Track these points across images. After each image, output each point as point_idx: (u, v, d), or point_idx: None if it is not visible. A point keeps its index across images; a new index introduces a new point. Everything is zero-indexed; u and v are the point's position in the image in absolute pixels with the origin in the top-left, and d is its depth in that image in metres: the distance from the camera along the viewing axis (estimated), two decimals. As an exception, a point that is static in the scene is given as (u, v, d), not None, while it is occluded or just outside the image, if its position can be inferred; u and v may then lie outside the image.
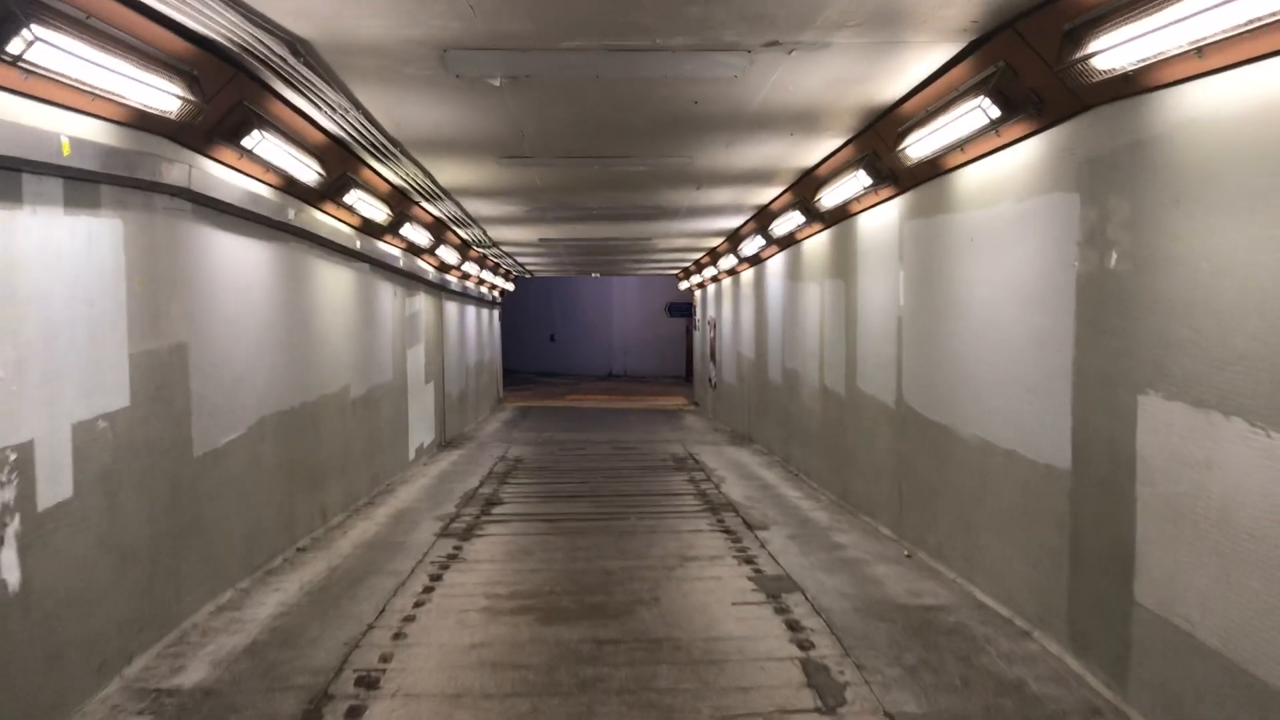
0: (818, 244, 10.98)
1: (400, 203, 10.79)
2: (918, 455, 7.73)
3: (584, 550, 8.04)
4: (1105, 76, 4.49)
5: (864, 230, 9.15)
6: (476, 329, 20.81)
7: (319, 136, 7.59)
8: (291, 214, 7.81)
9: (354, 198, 8.87)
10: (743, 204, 12.11)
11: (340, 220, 9.32)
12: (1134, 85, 4.46)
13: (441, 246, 13.78)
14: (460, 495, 10.81)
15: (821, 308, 10.91)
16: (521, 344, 35.09)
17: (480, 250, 17.04)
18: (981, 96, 5.60)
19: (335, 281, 9.57)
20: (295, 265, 8.34)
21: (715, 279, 19.72)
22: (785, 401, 13.05)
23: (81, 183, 4.82)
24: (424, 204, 11.45)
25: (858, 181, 8.24)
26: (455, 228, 13.77)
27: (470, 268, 17.02)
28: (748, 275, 16.21)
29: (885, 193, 8.19)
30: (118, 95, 4.70)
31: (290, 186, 7.71)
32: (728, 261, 16.53)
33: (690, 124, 7.59)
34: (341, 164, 8.39)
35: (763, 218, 12.59)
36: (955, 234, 6.92)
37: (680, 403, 24.76)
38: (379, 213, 9.91)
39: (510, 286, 24.63)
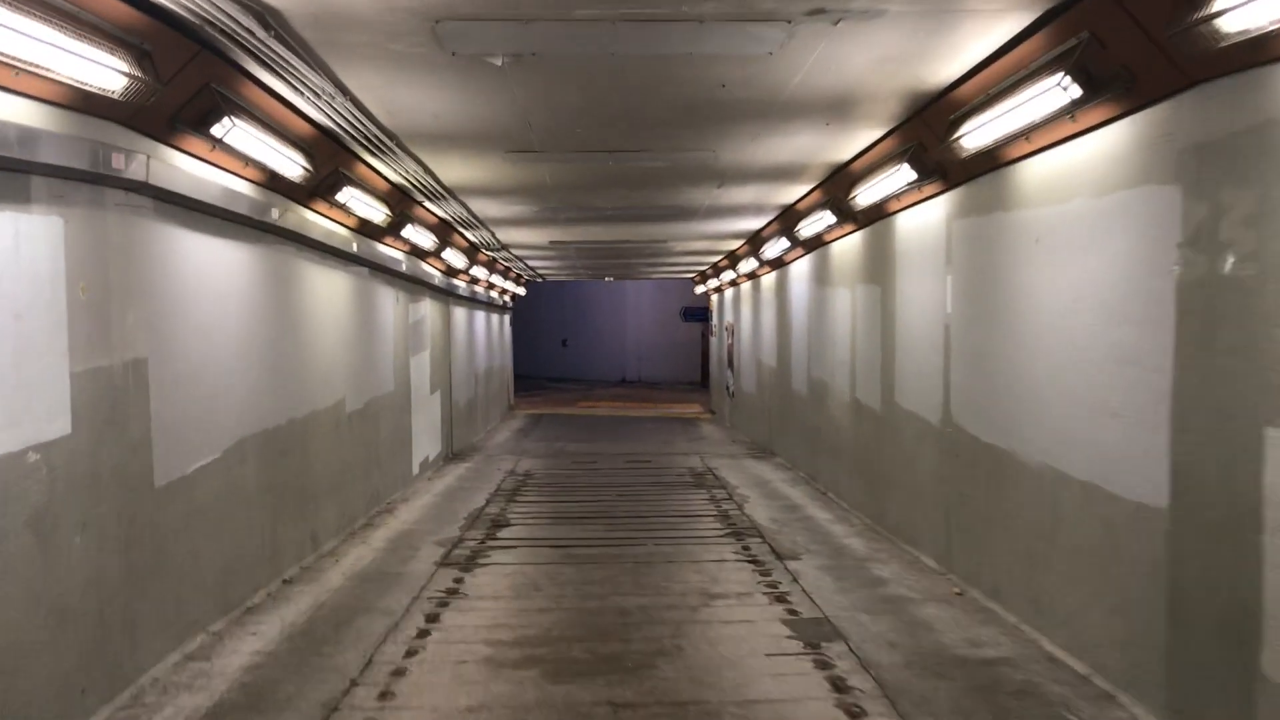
0: (849, 246, 10.20)
1: (401, 202, 10.07)
2: (969, 481, 6.94)
3: (597, 584, 7.28)
4: (1231, 42, 3.71)
5: (904, 231, 8.37)
6: (486, 335, 20.09)
7: (304, 127, 6.87)
8: (276, 213, 7.08)
9: (348, 196, 8.14)
10: (766, 204, 11.34)
11: (334, 221, 8.60)
12: (1268, 51, 3.68)
13: (447, 249, 13.06)
14: (465, 516, 10.07)
15: (853, 315, 10.13)
16: (533, 349, 34.37)
17: (489, 254, 16.32)
18: (1060, 74, 4.82)
19: (329, 287, 8.85)
20: (282, 269, 7.62)
21: (734, 283, 18.95)
22: (811, 414, 12.26)
23: (4, 173, 4.09)
24: (427, 204, 10.72)
25: (900, 177, 7.46)
26: (462, 229, 13.05)
27: (479, 272, 16.30)
28: (769, 279, 15.43)
29: (931, 189, 7.41)
30: (43, 69, 3.97)
31: (274, 183, 6.99)
32: (748, 265, 15.76)
33: (715, 112, 6.83)
34: (332, 158, 7.66)
35: (788, 218, 11.81)
36: (1017, 234, 6.14)
37: (696, 410, 23.98)
38: (377, 213, 9.18)
39: (521, 291, 23.91)
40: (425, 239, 11.52)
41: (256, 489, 6.98)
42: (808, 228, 10.82)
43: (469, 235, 13.71)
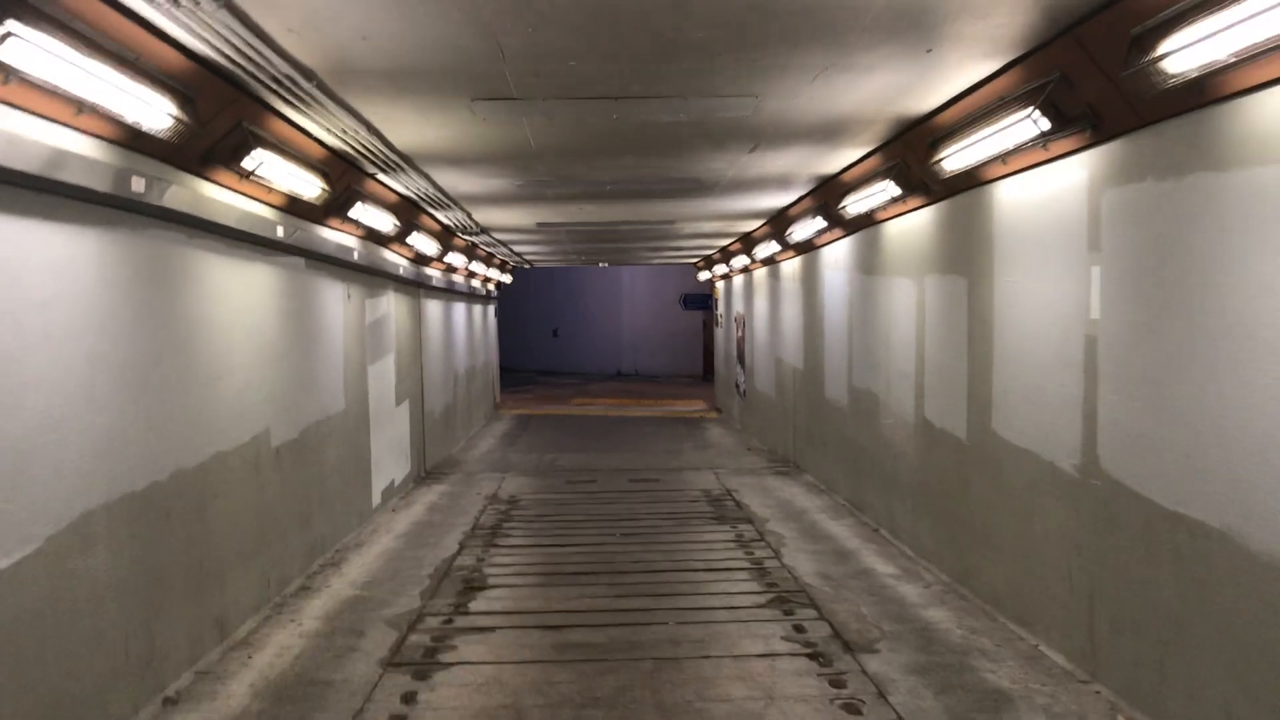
0: (914, 226, 8.07)
1: (345, 174, 7.90)
2: (1140, 562, 4.84)
3: (604, 702, 5.19)
4: None
5: (1009, 204, 6.25)
6: (467, 329, 17.92)
7: (174, 59, 4.71)
8: (141, 186, 4.92)
9: (259, 162, 5.98)
10: (801, 175, 9.19)
11: (249, 197, 6.45)
12: None
13: (415, 234, 10.89)
14: (430, 570, 7.96)
15: (919, 314, 8.01)
16: (521, 340, 32.21)
17: (467, 238, 14.14)
18: None
19: (243, 285, 6.70)
20: (160, 265, 5.47)
21: (746, 270, 16.80)
22: (854, 430, 10.16)
23: None
24: (381, 178, 8.55)
25: (1019, 130, 5.34)
26: (431, 210, 10.88)
27: (455, 259, 14.13)
28: (791, 266, 13.30)
29: (1066, 145, 5.28)
30: None
31: (136, 142, 4.85)
32: (766, 249, 13.61)
33: (772, 28, 4.68)
34: (230, 109, 5.50)
35: (826, 192, 9.68)
36: (1241, 205, 4.02)
37: (700, 408, 21.88)
38: (310, 186, 7.03)
39: (507, 279, 21.74)
40: (383, 221, 9.36)
41: (114, 580, 4.85)
42: (856, 204, 8.68)
43: (440, 217, 11.54)
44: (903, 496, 8.53)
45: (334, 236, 8.52)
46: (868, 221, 9.13)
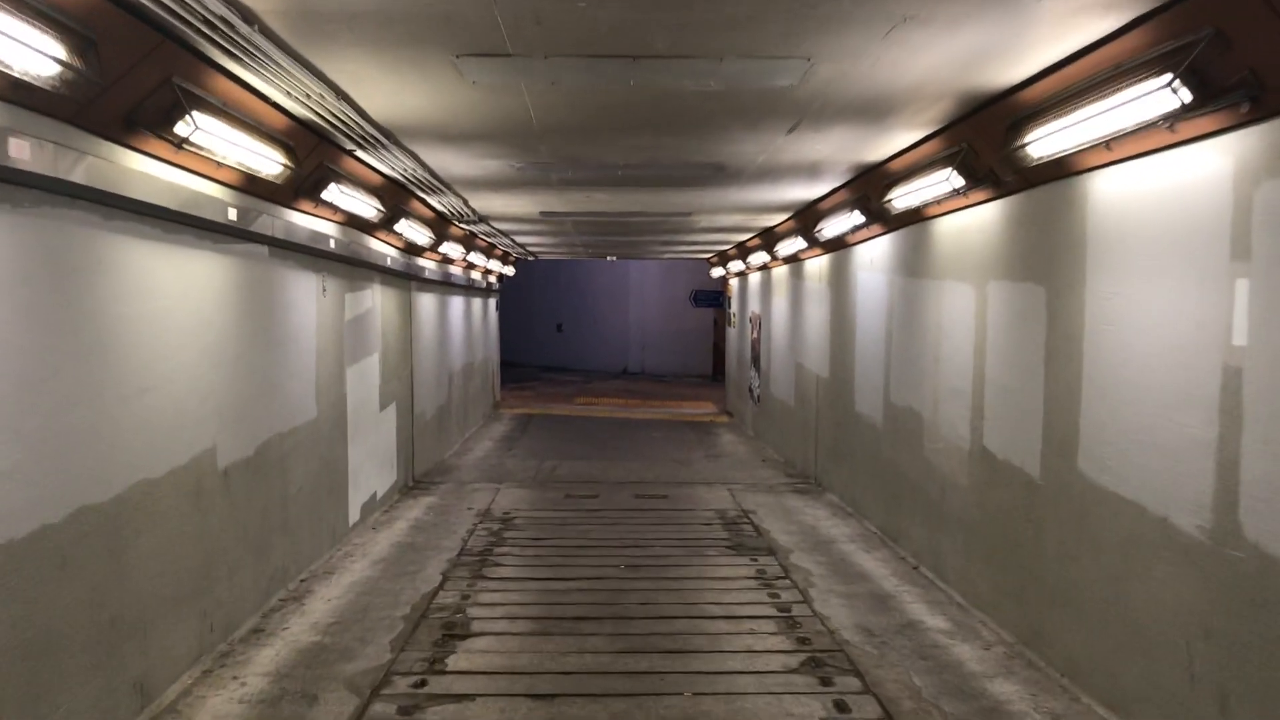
0: (974, 223, 6.95)
1: (316, 149, 6.81)
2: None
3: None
4: None
5: (1111, 200, 5.13)
6: (465, 324, 16.82)
7: (60, -18, 3.62)
8: (23, 152, 3.83)
9: (194, 128, 4.89)
10: (840, 162, 8.08)
11: (191, 172, 5.37)
12: None
13: (404, 221, 9.80)
14: (406, 610, 6.89)
15: (979, 325, 6.90)
16: (524, 334, 31.14)
17: (463, 227, 13.03)
18: None
19: (184, 277, 5.61)
20: (62, 254, 4.37)
21: (765, 267, 15.68)
22: (890, 451, 9.06)
23: None
24: (362, 155, 7.45)
25: (1147, 105, 4.21)
26: (422, 194, 9.78)
27: (452, 249, 13.02)
28: (817, 265, 12.19)
29: (1204, 125, 4.16)
30: None
31: (16, 94, 3.76)
32: (790, 245, 12.49)
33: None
34: (153, 60, 4.41)
35: (867, 183, 8.56)
36: None
37: (710, 411, 20.79)
38: (268, 162, 5.94)
39: (510, 271, 20.64)
40: (365, 205, 8.27)
41: (-21, 658, 3.78)
42: (905, 197, 7.57)
43: (433, 203, 10.44)
44: (952, 533, 7.43)
45: (305, 222, 7.43)
46: (915, 217, 8.02)
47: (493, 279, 19.66)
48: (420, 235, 10.82)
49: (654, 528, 9.66)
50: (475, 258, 15.38)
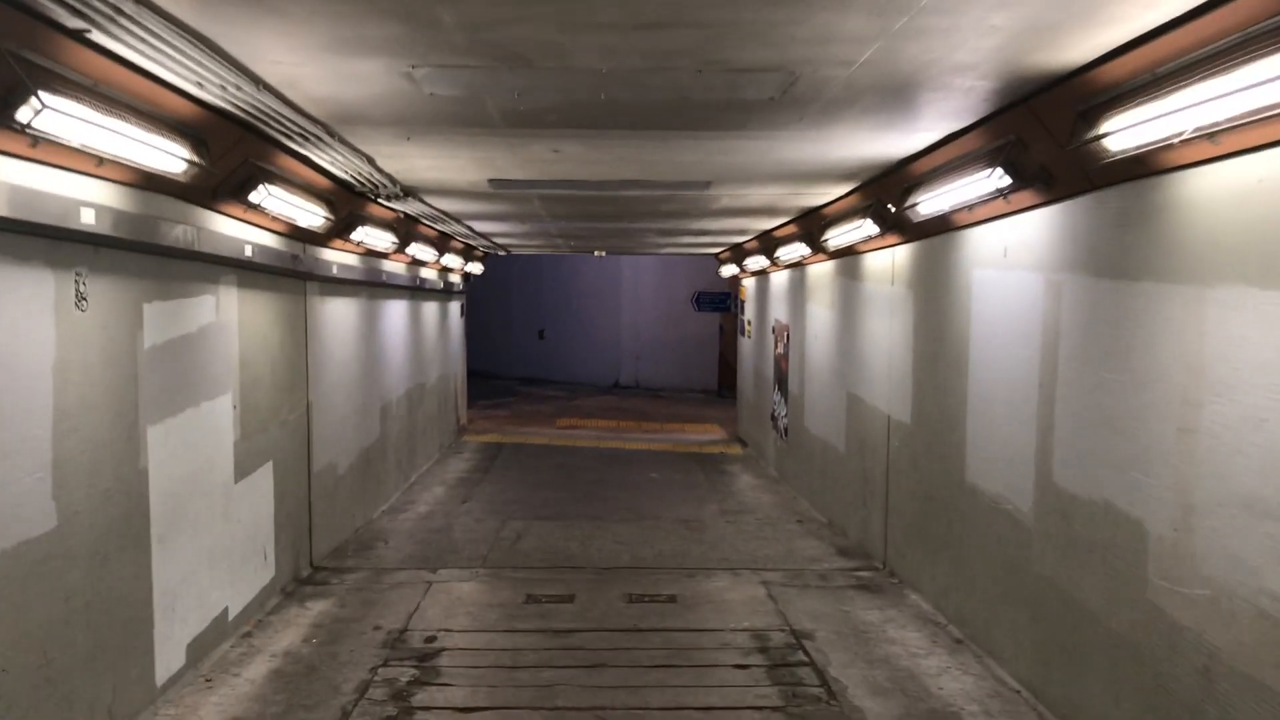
0: (1250, 191, 3.38)
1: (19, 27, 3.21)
2: None
3: None
4: None
5: None
6: (411, 335, 13.19)
7: None
8: None
9: None
10: (964, 80, 4.50)
11: None
12: None
13: (266, 189, 6.20)
14: None
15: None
16: (500, 342, 27.56)
17: (389, 207, 9.37)
18: None
19: None
20: None
21: (799, 264, 12.07)
22: (1050, 566, 5.48)
23: None
24: (120, 49, 3.84)
25: None
26: (291, 143, 6.14)
27: (376, 239, 9.41)
28: (885, 260, 8.62)
29: None
30: None
31: None
32: (842, 233, 8.89)
33: None
34: None
35: (1017, 119, 4.98)
36: None
37: (718, 438, 17.22)
38: None
39: (476, 269, 17.04)
40: (162, 153, 4.68)
41: None
42: (1124, 134, 4.00)
43: (321, 162, 6.80)
44: (1234, 770, 3.85)
45: (13, 178, 3.84)
46: (1128, 173, 4.44)
47: (454, 278, 16.02)
48: (310, 214, 7.22)
49: (656, 677, 6.07)
50: (421, 251, 11.74)
